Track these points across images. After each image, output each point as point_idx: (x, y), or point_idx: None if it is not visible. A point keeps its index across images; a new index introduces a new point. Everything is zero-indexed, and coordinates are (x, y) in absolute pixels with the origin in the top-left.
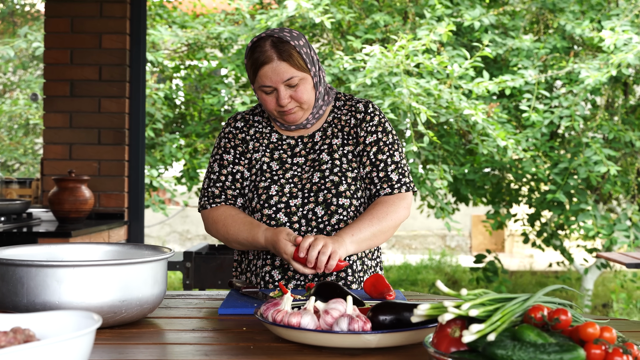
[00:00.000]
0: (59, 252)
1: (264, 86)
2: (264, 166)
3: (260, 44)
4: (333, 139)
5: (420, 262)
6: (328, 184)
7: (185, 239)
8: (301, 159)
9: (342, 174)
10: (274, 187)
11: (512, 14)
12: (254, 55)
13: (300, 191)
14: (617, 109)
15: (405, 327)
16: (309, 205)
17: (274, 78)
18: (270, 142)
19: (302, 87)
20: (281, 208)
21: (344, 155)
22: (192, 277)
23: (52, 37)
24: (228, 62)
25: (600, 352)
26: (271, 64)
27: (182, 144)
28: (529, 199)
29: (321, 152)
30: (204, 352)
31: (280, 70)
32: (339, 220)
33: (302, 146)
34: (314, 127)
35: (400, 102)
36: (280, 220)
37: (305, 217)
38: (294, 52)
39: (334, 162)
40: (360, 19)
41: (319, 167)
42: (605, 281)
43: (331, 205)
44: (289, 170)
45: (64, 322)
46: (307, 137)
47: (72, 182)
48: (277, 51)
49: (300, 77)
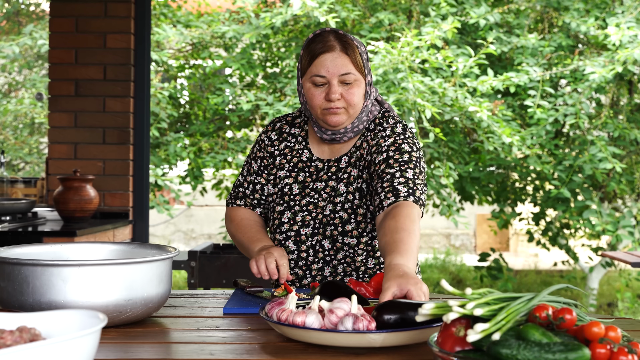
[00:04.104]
0: (64, 251)
1: (318, 76)
2: (285, 188)
3: (323, 34)
4: (353, 168)
5: (425, 261)
6: (336, 220)
7: (190, 238)
8: (321, 184)
9: (353, 210)
10: (287, 213)
11: (516, 13)
12: (313, 44)
13: (312, 220)
14: (622, 107)
15: (410, 327)
16: (317, 236)
17: (332, 69)
18: (299, 160)
19: (355, 88)
20: (291, 236)
21: (358, 190)
22: (197, 276)
23: (56, 37)
24: (232, 61)
25: (606, 351)
26: (332, 53)
27: (187, 143)
28: (534, 197)
29: (340, 182)
30: (209, 351)
31: (340, 62)
32: (345, 256)
33: (326, 170)
34: (344, 149)
35: (404, 99)
36: (289, 248)
37: (314, 247)
38: (357, 50)
39: (347, 196)
40: (364, 17)
41: (333, 199)
42: (611, 280)
43: (337, 242)
44: (306, 197)
45: (69, 321)
46: (333, 161)
47: (77, 181)
48: (340, 43)
49: (356, 77)
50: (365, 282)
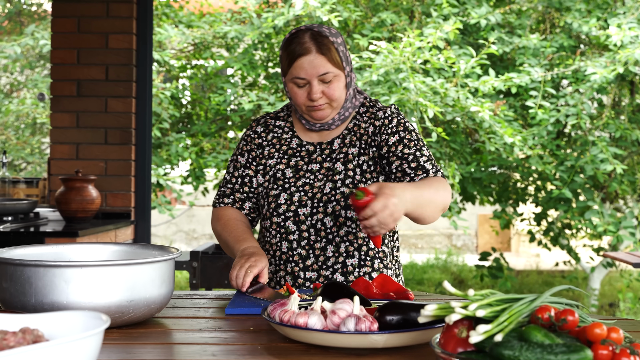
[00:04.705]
0: (67, 252)
1: (298, 78)
2: (277, 174)
3: (299, 36)
4: (350, 147)
5: (427, 261)
6: (338, 195)
7: (192, 239)
8: (316, 166)
9: (354, 185)
10: (283, 195)
11: (518, 13)
12: (290, 47)
13: (310, 200)
14: (624, 108)
15: (412, 328)
16: (318, 215)
17: (310, 71)
18: (289, 147)
19: (335, 84)
20: (290, 216)
21: (359, 166)
22: (199, 276)
23: (58, 37)
24: (234, 61)
25: (608, 352)
26: (308, 56)
27: (189, 143)
28: (536, 197)
29: (336, 162)
30: (211, 352)
31: (317, 63)
32: (348, 232)
33: (319, 152)
34: (335, 132)
35: (406, 99)
36: (290, 229)
37: (314, 226)
38: (332, 48)
39: (347, 172)
40: (366, 17)
41: (332, 177)
42: (612, 280)
43: (340, 217)
44: (301, 178)
45: (72, 322)
46: (325, 144)
47: (78, 181)
48: (316, 44)
49: (334, 74)
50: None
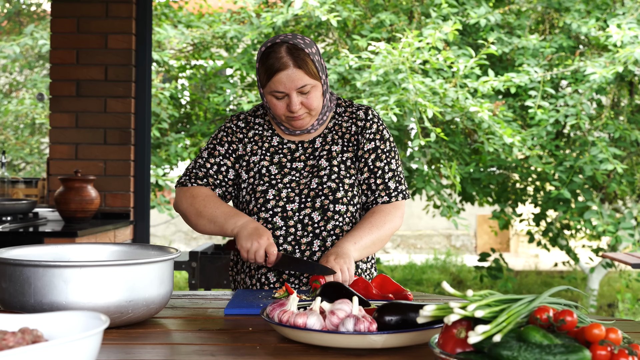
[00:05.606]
0: (66, 252)
1: (277, 92)
2: (262, 170)
3: (275, 50)
4: (333, 145)
5: (426, 261)
6: (325, 190)
7: (191, 239)
8: (300, 164)
9: (340, 180)
10: (271, 191)
11: (517, 13)
12: (268, 61)
13: (297, 196)
14: (623, 108)
15: (411, 328)
16: (306, 210)
17: (288, 85)
18: (270, 145)
19: (313, 94)
20: (277, 212)
21: (343, 162)
22: (198, 276)
23: (58, 37)
24: (234, 61)
25: (606, 353)
26: (286, 70)
27: (188, 143)
28: (535, 198)
29: (320, 159)
30: (210, 352)
31: (295, 77)
32: (335, 226)
33: (302, 151)
34: (315, 132)
35: (405, 99)
36: (277, 224)
37: (302, 221)
38: (309, 60)
39: (332, 168)
40: (365, 18)
41: (317, 173)
42: (611, 281)
43: (328, 211)
44: (287, 175)
45: (71, 322)
46: (307, 142)
47: (78, 181)
48: (292, 58)
49: (312, 85)
50: None
